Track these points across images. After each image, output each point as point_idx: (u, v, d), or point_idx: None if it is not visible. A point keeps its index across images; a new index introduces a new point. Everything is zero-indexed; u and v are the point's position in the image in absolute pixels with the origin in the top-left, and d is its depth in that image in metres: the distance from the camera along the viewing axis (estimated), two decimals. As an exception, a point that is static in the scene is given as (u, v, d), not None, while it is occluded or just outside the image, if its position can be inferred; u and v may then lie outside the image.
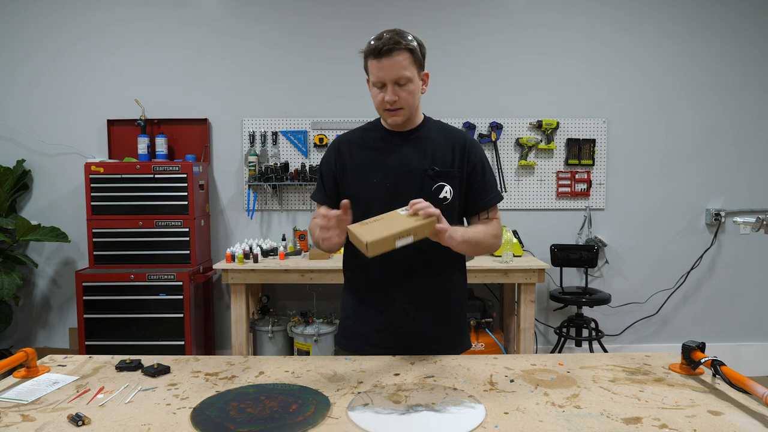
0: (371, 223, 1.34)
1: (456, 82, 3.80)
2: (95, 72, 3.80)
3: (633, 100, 3.83)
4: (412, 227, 1.32)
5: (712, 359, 1.26)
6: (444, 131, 1.63)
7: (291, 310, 3.74)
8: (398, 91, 1.48)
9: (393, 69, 1.45)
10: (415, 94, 1.51)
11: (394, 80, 1.46)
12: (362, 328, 1.63)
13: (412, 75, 1.48)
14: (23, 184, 3.81)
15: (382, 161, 1.58)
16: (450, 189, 1.56)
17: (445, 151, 1.58)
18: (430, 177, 1.55)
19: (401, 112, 1.51)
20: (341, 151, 1.63)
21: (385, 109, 1.51)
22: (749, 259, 3.90)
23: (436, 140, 1.60)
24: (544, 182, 3.86)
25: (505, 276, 3.27)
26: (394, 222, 1.33)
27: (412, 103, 1.52)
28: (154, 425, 1.07)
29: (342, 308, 1.72)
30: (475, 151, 1.61)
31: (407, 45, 1.46)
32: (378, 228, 1.31)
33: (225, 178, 3.88)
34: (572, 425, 1.07)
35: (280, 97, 3.83)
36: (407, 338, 1.59)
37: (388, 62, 1.45)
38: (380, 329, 1.60)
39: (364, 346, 1.60)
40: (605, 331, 3.84)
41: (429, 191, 1.55)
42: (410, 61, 1.47)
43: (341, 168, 1.61)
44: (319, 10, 3.77)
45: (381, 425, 1.07)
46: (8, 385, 1.28)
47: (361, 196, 1.56)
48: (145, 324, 3.35)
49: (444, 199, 1.56)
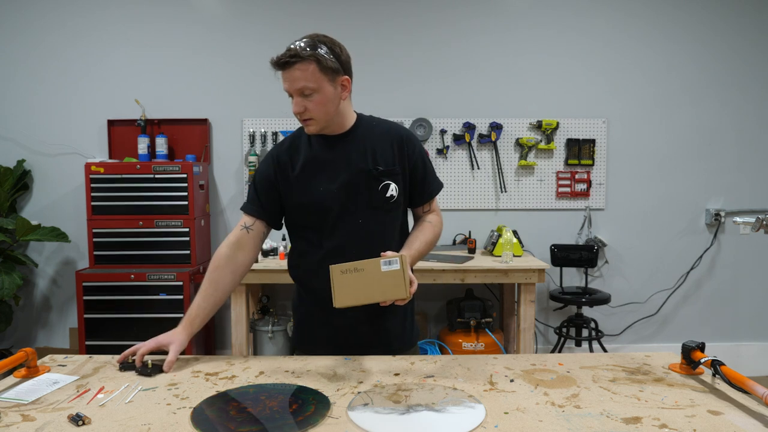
0: (351, 273, 1.33)
1: (456, 82, 3.80)
2: (95, 72, 3.81)
3: (633, 100, 3.83)
4: (388, 298, 1.34)
5: (712, 359, 1.26)
6: (379, 128, 1.61)
7: (291, 310, 3.74)
8: (304, 102, 1.45)
9: (294, 81, 1.43)
10: (325, 104, 1.47)
11: (297, 91, 1.45)
12: (318, 331, 1.64)
13: (317, 86, 1.43)
14: (23, 184, 3.81)
15: (324, 167, 1.56)
16: (395, 186, 1.56)
17: (385, 148, 1.57)
18: (375, 177, 1.55)
19: (312, 122, 1.49)
20: (280, 162, 1.59)
21: (299, 120, 1.51)
22: (749, 259, 3.90)
23: (373, 139, 1.58)
24: (544, 182, 3.86)
25: (505, 276, 3.27)
26: (372, 284, 1.33)
27: (323, 112, 1.47)
28: (154, 425, 1.07)
29: (295, 312, 1.73)
30: (414, 145, 1.62)
31: (309, 55, 1.41)
32: (353, 289, 1.33)
33: (225, 178, 3.88)
34: (572, 425, 1.07)
35: (280, 97, 3.78)
36: (362, 337, 1.60)
37: (288, 74, 1.44)
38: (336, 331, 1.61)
39: (319, 348, 1.60)
40: (605, 331, 3.84)
41: (375, 191, 1.55)
42: (314, 72, 1.42)
43: (284, 179, 1.58)
44: (319, 10, 3.77)
45: (381, 425, 1.07)
46: (8, 385, 1.28)
47: (311, 205, 1.55)
48: (145, 324, 3.35)
49: (391, 198, 1.56)
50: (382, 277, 1.33)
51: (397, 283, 1.32)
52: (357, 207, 1.54)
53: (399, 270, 1.33)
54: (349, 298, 1.33)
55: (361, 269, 1.34)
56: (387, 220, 1.59)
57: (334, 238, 1.56)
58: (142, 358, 1.39)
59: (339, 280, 1.33)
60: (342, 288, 1.33)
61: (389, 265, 1.33)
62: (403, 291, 1.32)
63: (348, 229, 1.55)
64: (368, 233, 1.55)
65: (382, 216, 1.57)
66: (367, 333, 1.61)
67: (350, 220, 1.55)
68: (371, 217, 1.56)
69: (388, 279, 1.33)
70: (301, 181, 1.56)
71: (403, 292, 1.32)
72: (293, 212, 1.61)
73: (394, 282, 1.32)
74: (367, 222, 1.56)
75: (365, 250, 1.45)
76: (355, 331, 1.60)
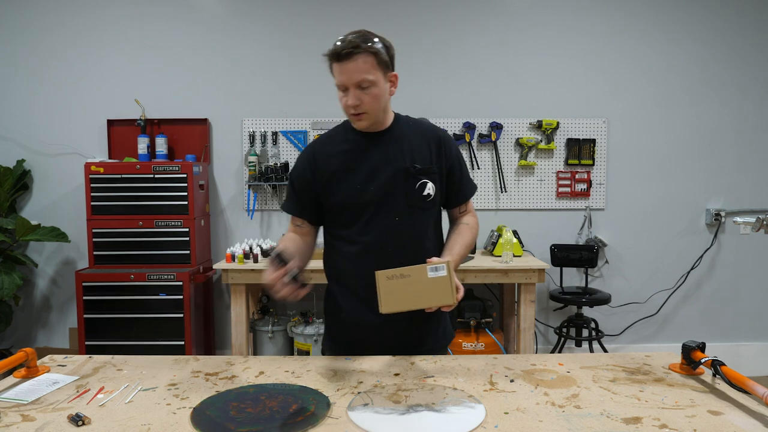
0: (397, 279, 1.32)
1: (456, 82, 3.79)
2: (95, 72, 3.80)
3: (633, 100, 3.83)
4: (434, 305, 1.32)
5: (712, 359, 1.26)
6: (416, 127, 1.62)
7: (291, 310, 3.74)
8: (360, 95, 1.45)
9: (354, 73, 1.42)
10: (380, 98, 1.48)
11: (356, 84, 1.43)
12: (352, 331, 1.62)
13: (375, 78, 1.44)
14: (23, 184, 3.81)
15: (361, 165, 1.55)
16: (432, 185, 1.57)
17: (422, 147, 1.58)
18: (412, 175, 1.55)
19: (365, 116, 1.49)
20: (316, 159, 1.58)
21: (350, 114, 1.50)
22: (749, 259, 3.90)
23: (411, 137, 1.59)
24: (544, 182, 3.86)
25: (505, 276, 3.27)
26: (418, 291, 1.32)
27: (377, 107, 1.49)
28: (154, 425, 1.07)
29: (327, 313, 1.70)
30: (451, 147, 1.63)
31: (369, 48, 1.42)
32: (400, 295, 1.32)
33: (225, 178, 3.88)
34: (572, 425, 1.07)
35: (280, 97, 3.83)
36: (396, 336, 1.59)
37: (349, 66, 1.42)
38: (371, 329, 1.58)
39: (353, 348, 1.58)
40: (605, 331, 3.84)
41: (413, 189, 1.55)
42: (373, 64, 1.43)
43: (320, 177, 1.57)
44: (319, 10, 3.77)
45: (381, 425, 1.07)
46: (8, 385, 1.28)
47: (346, 203, 1.55)
48: (145, 324, 3.35)
49: (428, 196, 1.57)
50: (429, 283, 1.32)
51: (444, 290, 1.31)
52: (394, 205, 1.54)
53: (446, 276, 1.32)
54: (395, 304, 1.32)
55: (408, 275, 1.32)
56: (423, 218, 1.59)
57: (370, 236, 1.55)
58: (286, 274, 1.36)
59: (385, 286, 1.32)
60: (388, 294, 1.32)
61: (436, 271, 1.32)
62: (449, 297, 1.31)
63: (384, 227, 1.54)
64: (405, 231, 1.55)
65: (418, 214, 1.57)
66: (401, 333, 1.59)
67: (387, 218, 1.54)
68: (408, 215, 1.56)
69: (435, 285, 1.31)
70: (338, 179, 1.56)
71: (449, 298, 1.31)
72: (330, 209, 1.60)
73: (441, 288, 1.31)
74: (403, 220, 1.55)
75: (401, 248, 1.46)
76: (389, 332, 1.58)
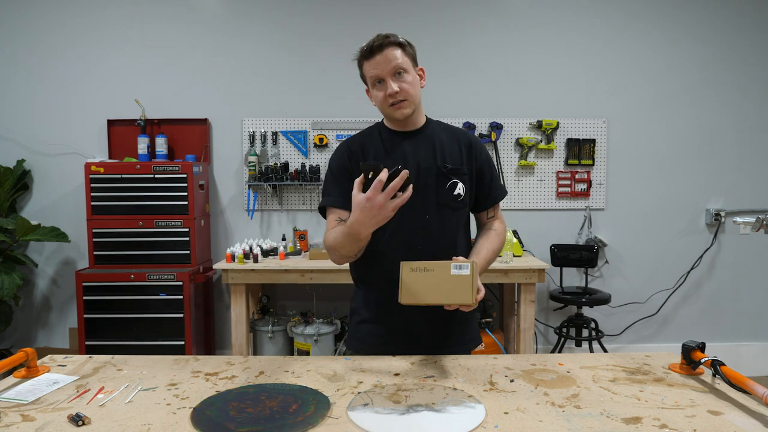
0: (420, 272, 1.33)
1: (456, 82, 3.79)
2: (95, 72, 3.81)
3: (633, 100, 3.83)
4: (453, 302, 1.32)
5: (712, 359, 1.26)
6: (447, 130, 1.66)
7: (291, 310, 3.74)
8: (398, 82, 1.49)
9: (388, 61, 1.48)
10: (416, 86, 1.53)
11: (391, 72, 1.49)
12: (378, 331, 1.62)
13: (408, 66, 1.51)
14: (23, 184, 3.81)
15: (395, 161, 1.56)
16: (462, 186, 1.59)
17: (453, 149, 1.60)
18: (443, 174, 1.57)
19: (405, 103, 1.52)
20: (353, 152, 1.60)
21: (390, 105, 1.51)
22: (749, 259, 3.90)
23: (442, 138, 1.61)
24: (544, 182, 3.86)
25: (505, 276, 3.27)
26: (439, 286, 1.32)
27: (414, 93, 1.52)
28: (154, 425, 1.07)
29: (353, 313, 1.69)
30: (481, 150, 1.65)
31: (396, 40, 1.50)
32: (420, 288, 1.32)
33: (225, 178, 3.88)
34: (572, 425, 1.07)
35: (280, 97, 3.83)
36: (420, 338, 1.59)
37: (381, 57, 1.48)
38: (396, 331, 1.59)
39: (378, 347, 1.58)
40: (605, 331, 3.84)
41: (444, 189, 1.57)
42: (402, 54, 1.50)
43: (355, 169, 1.57)
44: (319, 10, 3.77)
45: (381, 425, 1.07)
46: (8, 385, 1.28)
47: None
48: (145, 324, 3.35)
49: (458, 196, 1.58)
50: (451, 280, 1.32)
51: (465, 289, 1.31)
52: (425, 203, 1.55)
53: (468, 276, 1.32)
54: (414, 296, 1.33)
55: (431, 269, 1.33)
56: (453, 218, 1.60)
57: (400, 234, 1.55)
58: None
59: (408, 277, 1.33)
60: (409, 285, 1.33)
61: (460, 269, 1.33)
62: (469, 297, 1.31)
63: (415, 226, 1.55)
64: (434, 230, 1.56)
65: (449, 214, 1.58)
66: (426, 334, 1.60)
67: (418, 216, 1.55)
68: (438, 215, 1.57)
69: (457, 283, 1.32)
70: None
71: (469, 298, 1.31)
72: None
73: (462, 287, 1.32)
74: (433, 219, 1.56)
75: (431, 247, 1.46)
76: (415, 333, 1.58)
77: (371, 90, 1.55)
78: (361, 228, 1.33)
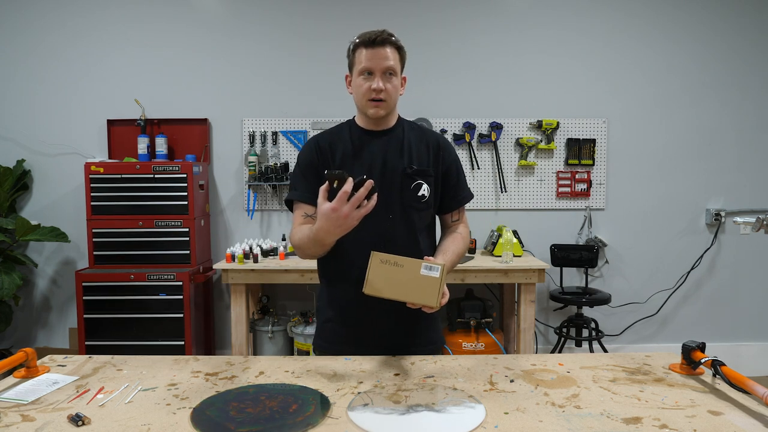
0: (390, 265, 1.33)
1: (456, 82, 3.79)
2: (95, 72, 3.80)
3: (633, 100, 3.83)
4: (417, 302, 1.33)
5: (712, 359, 1.26)
6: (417, 131, 1.67)
7: (291, 310, 3.74)
8: (385, 82, 1.52)
9: (384, 59, 1.51)
10: (398, 91, 1.57)
11: (383, 70, 1.51)
12: (342, 330, 1.63)
13: (397, 71, 1.55)
14: (23, 184, 3.81)
15: (362, 160, 1.59)
16: (427, 187, 1.60)
17: (420, 150, 1.62)
18: (408, 175, 1.58)
19: (384, 104, 1.54)
20: (321, 148, 1.62)
21: (369, 99, 1.53)
22: (749, 259, 3.90)
23: (411, 139, 1.63)
24: (544, 182, 3.86)
25: (505, 276, 3.27)
26: (406, 283, 1.32)
27: (394, 98, 1.56)
28: (154, 425, 1.07)
29: (319, 311, 1.70)
30: (450, 152, 1.68)
31: (397, 42, 1.54)
32: (387, 281, 1.32)
33: (225, 178, 3.88)
34: (572, 425, 1.07)
35: (280, 97, 3.83)
36: (384, 338, 1.60)
37: (381, 52, 1.51)
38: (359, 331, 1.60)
39: (342, 347, 1.59)
40: (605, 331, 3.84)
41: (408, 189, 1.58)
42: (397, 58, 1.54)
43: (322, 164, 1.59)
44: (319, 10, 3.77)
45: (381, 425, 1.07)
46: (8, 385, 1.28)
47: None
48: (145, 324, 3.35)
49: (422, 197, 1.59)
50: (419, 279, 1.33)
51: (432, 291, 1.32)
52: (389, 203, 1.56)
53: (437, 278, 1.32)
54: (379, 288, 1.33)
55: (401, 265, 1.34)
56: (417, 219, 1.61)
57: (364, 233, 1.52)
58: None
59: (376, 267, 1.33)
60: (376, 276, 1.33)
61: (429, 270, 1.33)
62: (434, 299, 1.32)
63: (378, 225, 1.55)
64: (398, 231, 1.58)
65: (413, 215, 1.60)
66: (390, 334, 1.60)
67: (382, 216, 1.55)
68: (402, 215, 1.58)
69: (424, 283, 1.32)
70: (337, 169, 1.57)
71: (434, 300, 1.32)
72: None
73: (429, 288, 1.32)
74: (397, 219, 1.58)
75: (393, 247, 1.46)
76: (379, 333, 1.60)
77: (354, 78, 1.57)
78: (326, 236, 1.35)
